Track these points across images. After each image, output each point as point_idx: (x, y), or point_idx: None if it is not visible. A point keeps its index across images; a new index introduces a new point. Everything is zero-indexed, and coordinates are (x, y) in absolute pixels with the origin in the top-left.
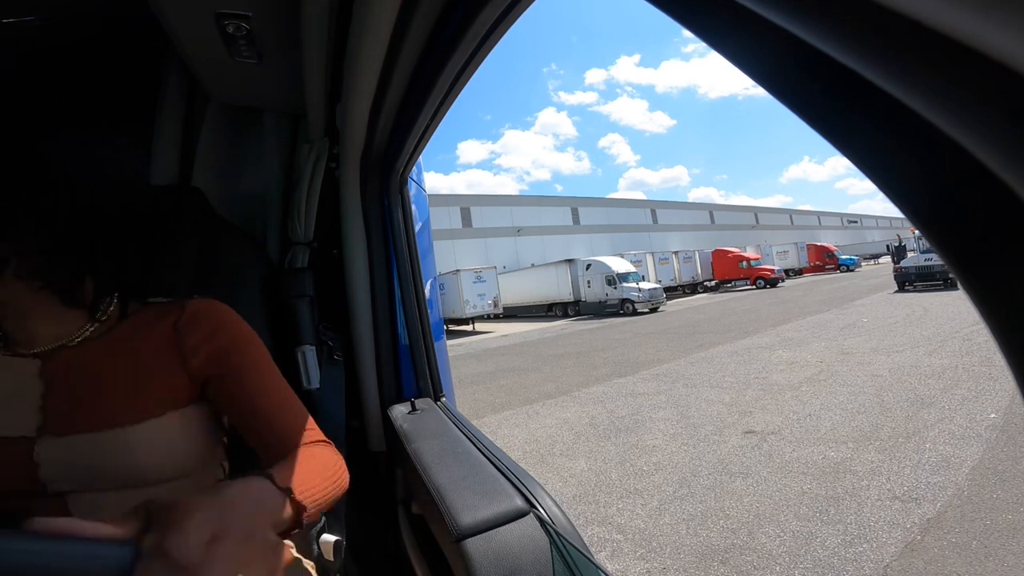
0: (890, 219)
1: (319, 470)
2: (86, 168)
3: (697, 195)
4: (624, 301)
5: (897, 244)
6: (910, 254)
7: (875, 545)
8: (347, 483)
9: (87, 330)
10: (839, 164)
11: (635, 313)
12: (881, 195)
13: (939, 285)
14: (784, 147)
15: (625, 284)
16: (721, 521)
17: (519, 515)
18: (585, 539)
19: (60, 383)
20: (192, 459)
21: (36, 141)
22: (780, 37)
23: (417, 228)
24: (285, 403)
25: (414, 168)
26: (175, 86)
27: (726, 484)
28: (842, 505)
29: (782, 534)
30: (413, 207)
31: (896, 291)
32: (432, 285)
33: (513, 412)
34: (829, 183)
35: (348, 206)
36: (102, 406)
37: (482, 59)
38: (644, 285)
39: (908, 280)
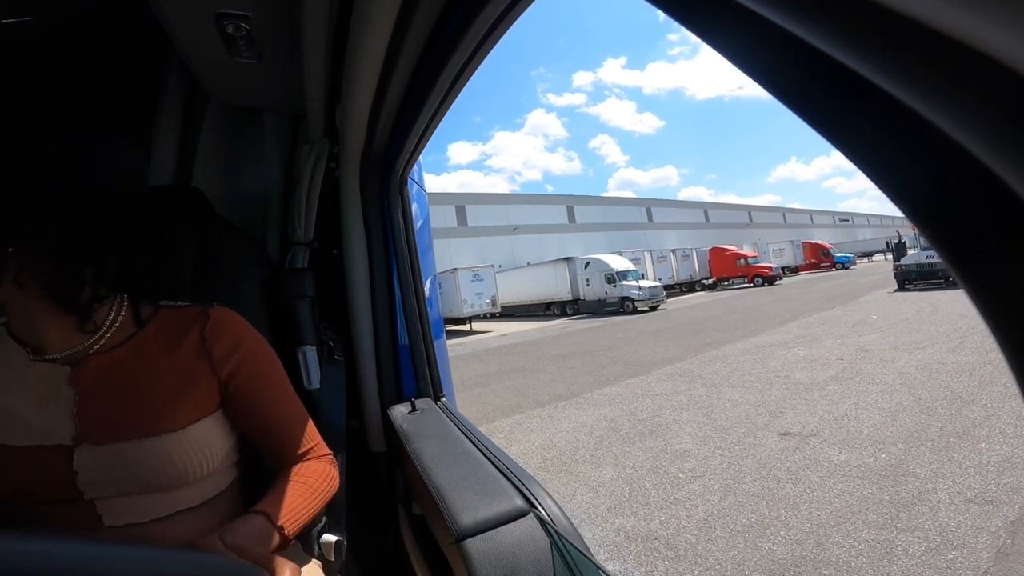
0: (880, 217)
1: (308, 494)
2: (86, 168)
3: (687, 194)
4: (624, 299)
5: (897, 241)
6: (910, 251)
7: (965, 551)
8: (336, 486)
9: (105, 336)
10: (826, 164)
11: (635, 311)
12: (868, 194)
13: (940, 284)
14: (771, 147)
15: (625, 282)
16: (782, 532)
17: (519, 515)
18: (631, 557)
19: (93, 390)
20: (219, 460)
21: (36, 141)
22: (780, 37)
23: (417, 227)
24: (294, 420)
25: (414, 168)
26: (175, 86)
27: (776, 491)
28: (913, 510)
29: (856, 544)
30: (414, 205)
31: (896, 289)
32: (432, 284)
33: (525, 415)
34: (816, 182)
35: (348, 206)
36: (141, 413)
37: (482, 59)
38: (644, 283)
39: (908, 278)
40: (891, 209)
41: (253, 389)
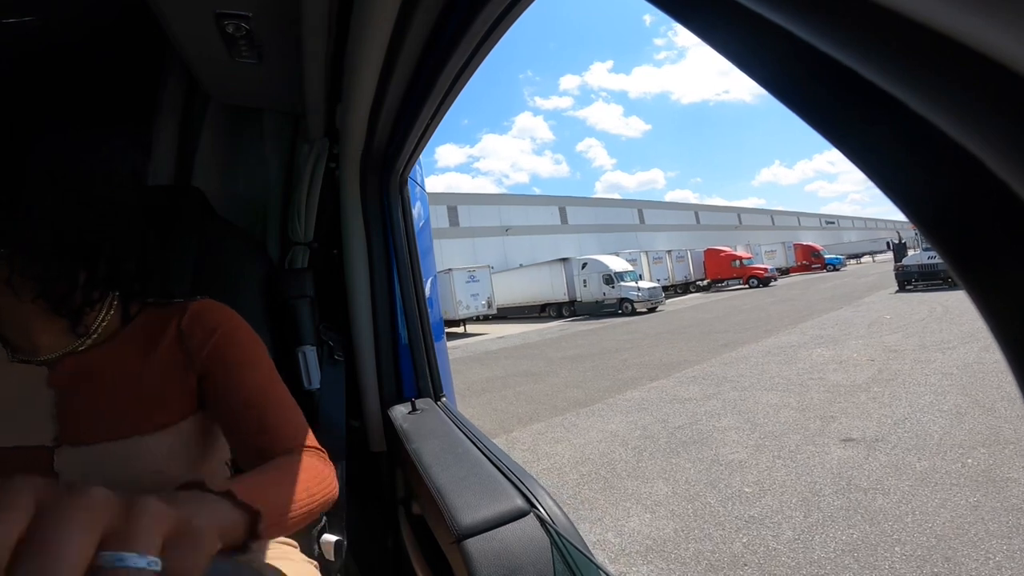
0: (864, 220)
1: (294, 482)
2: (85, 168)
3: (673, 197)
4: (623, 300)
5: (897, 242)
6: (910, 252)
7: None
8: (335, 495)
9: (91, 336)
10: (808, 167)
11: (634, 313)
12: (849, 197)
13: (940, 284)
14: (755, 151)
15: (623, 283)
16: (896, 548)
17: (519, 515)
18: None
19: (72, 391)
20: (205, 458)
21: (29, 142)
22: (781, 38)
23: (417, 227)
24: (280, 405)
25: (414, 168)
26: (175, 86)
27: (866, 503)
28: None
29: (991, 555)
30: (416, 204)
31: (898, 290)
32: (432, 284)
33: (545, 424)
34: (799, 186)
35: (348, 206)
36: (121, 414)
37: (482, 59)
38: (643, 284)
39: (910, 279)
40: (871, 211)
41: (230, 375)
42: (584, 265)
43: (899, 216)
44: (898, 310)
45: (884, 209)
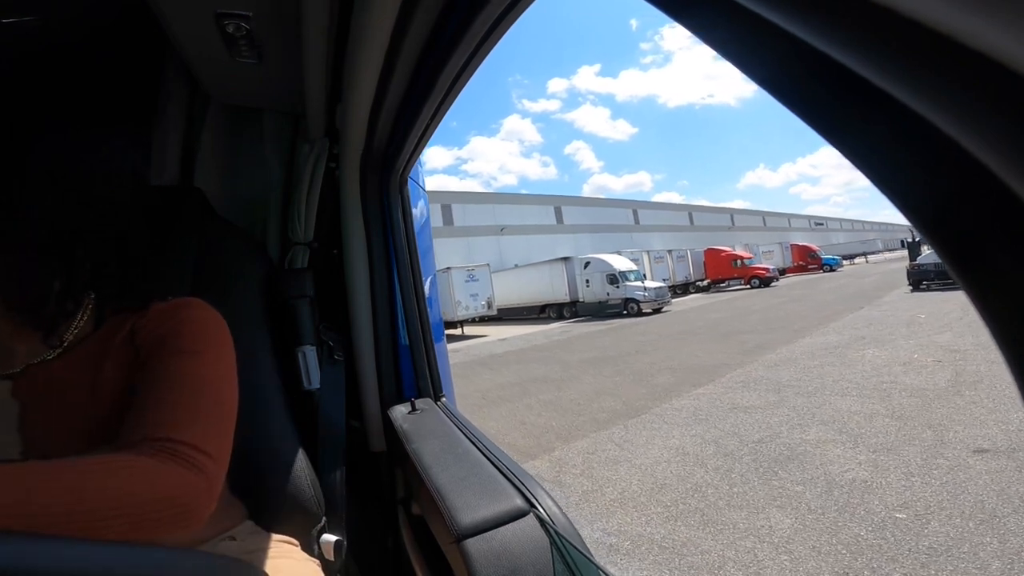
0: (852, 221)
1: (60, 480)
2: (83, 169)
3: (660, 200)
4: (628, 301)
5: (911, 240)
6: (924, 250)
7: None
8: (162, 495)
9: (63, 345)
10: (792, 171)
11: (640, 314)
12: (832, 200)
13: (952, 284)
14: (740, 154)
15: (628, 283)
16: None
17: (519, 515)
18: None
19: (33, 404)
20: None
21: (33, 141)
22: (781, 38)
23: (417, 227)
24: (190, 394)
25: (414, 168)
26: (175, 86)
27: None
28: None
29: None
30: (420, 203)
31: (912, 289)
32: (432, 284)
33: (591, 441)
34: (783, 188)
35: (348, 206)
36: (72, 429)
37: (482, 59)
38: (650, 284)
39: (925, 278)
40: (853, 214)
41: (159, 357)
42: (587, 264)
43: (884, 219)
44: (927, 309)
45: (868, 211)
